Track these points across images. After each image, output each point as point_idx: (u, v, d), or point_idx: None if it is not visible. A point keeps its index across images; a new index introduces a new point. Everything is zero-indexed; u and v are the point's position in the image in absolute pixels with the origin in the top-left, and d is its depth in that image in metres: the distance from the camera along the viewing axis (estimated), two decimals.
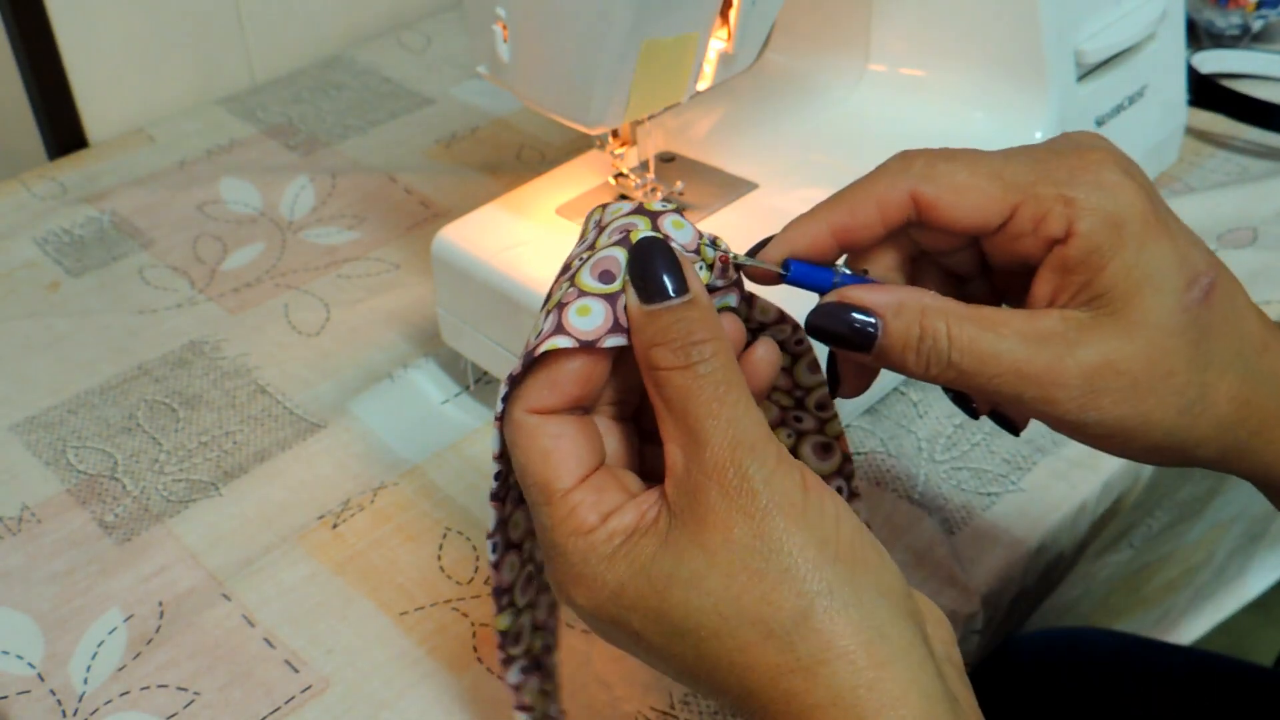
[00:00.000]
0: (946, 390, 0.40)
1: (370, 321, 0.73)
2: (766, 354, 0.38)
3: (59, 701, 0.52)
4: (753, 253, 0.39)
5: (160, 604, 0.56)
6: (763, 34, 0.58)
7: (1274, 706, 0.63)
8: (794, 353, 0.41)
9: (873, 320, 0.36)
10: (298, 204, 0.83)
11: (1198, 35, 0.94)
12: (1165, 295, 0.35)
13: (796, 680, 0.31)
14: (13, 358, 0.71)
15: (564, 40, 0.52)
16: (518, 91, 0.56)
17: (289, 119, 0.94)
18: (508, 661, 0.42)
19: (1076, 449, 0.62)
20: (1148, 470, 0.64)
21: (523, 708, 0.44)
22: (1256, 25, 0.92)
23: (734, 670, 0.32)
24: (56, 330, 0.73)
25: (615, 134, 0.62)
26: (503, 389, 0.35)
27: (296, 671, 0.53)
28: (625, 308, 0.35)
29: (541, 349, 0.34)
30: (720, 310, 0.37)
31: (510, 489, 0.38)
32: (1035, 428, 0.63)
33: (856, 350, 0.37)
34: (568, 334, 0.34)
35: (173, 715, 0.51)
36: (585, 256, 0.36)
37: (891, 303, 0.36)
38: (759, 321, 0.40)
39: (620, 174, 0.63)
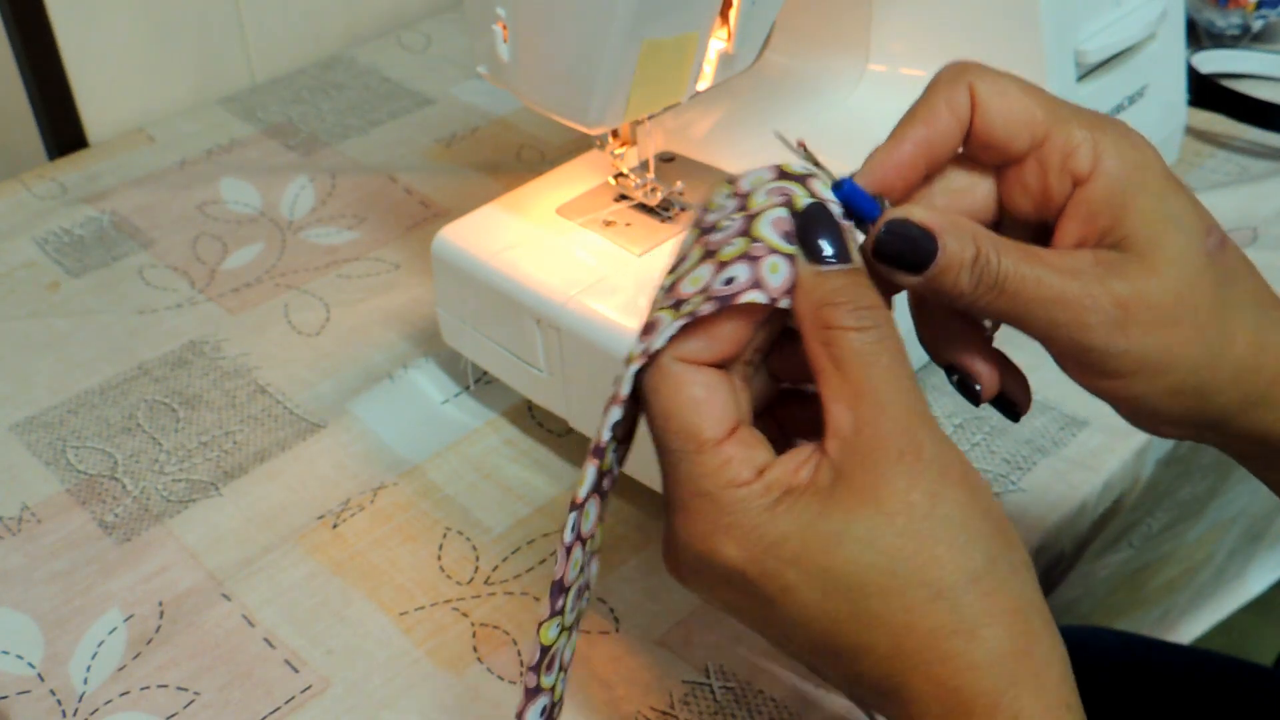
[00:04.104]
0: (949, 375, 0.41)
1: (370, 321, 0.73)
2: None
3: (59, 701, 0.52)
4: (840, 188, 0.38)
5: (160, 604, 0.56)
6: (763, 34, 0.58)
7: (1274, 706, 0.63)
8: None
9: (933, 238, 0.36)
10: (298, 204, 0.83)
11: (1198, 35, 0.94)
12: (1188, 237, 0.36)
13: (958, 642, 0.32)
14: (13, 358, 0.71)
15: (564, 40, 0.52)
16: (518, 91, 0.56)
17: (289, 119, 0.94)
18: (534, 693, 0.39)
19: (1076, 449, 0.62)
20: (1148, 470, 0.64)
21: None
22: (1256, 25, 0.92)
23: (890, 629, 0.32)
24: (56, 330, 0.73)
25: (615, 134, 0.61)
26: (656, 334, 0.35)
27: (296, 671, 0.53)
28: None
29: (743, 298, 0.34)
30: None
31: (611, 450, 0.37)
32: (1034, 428, 0.63)
33: (913, 270, 0.36)
34: (763, 289, 0.34)
35: (173, 715, 0.51)
36: (754, 212, 0.36)
37: (947, 224, 0.36)
38: None
39: (620, 174, 0.63)
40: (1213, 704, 0.64)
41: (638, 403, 0.36)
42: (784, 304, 0.35)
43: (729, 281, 0.34)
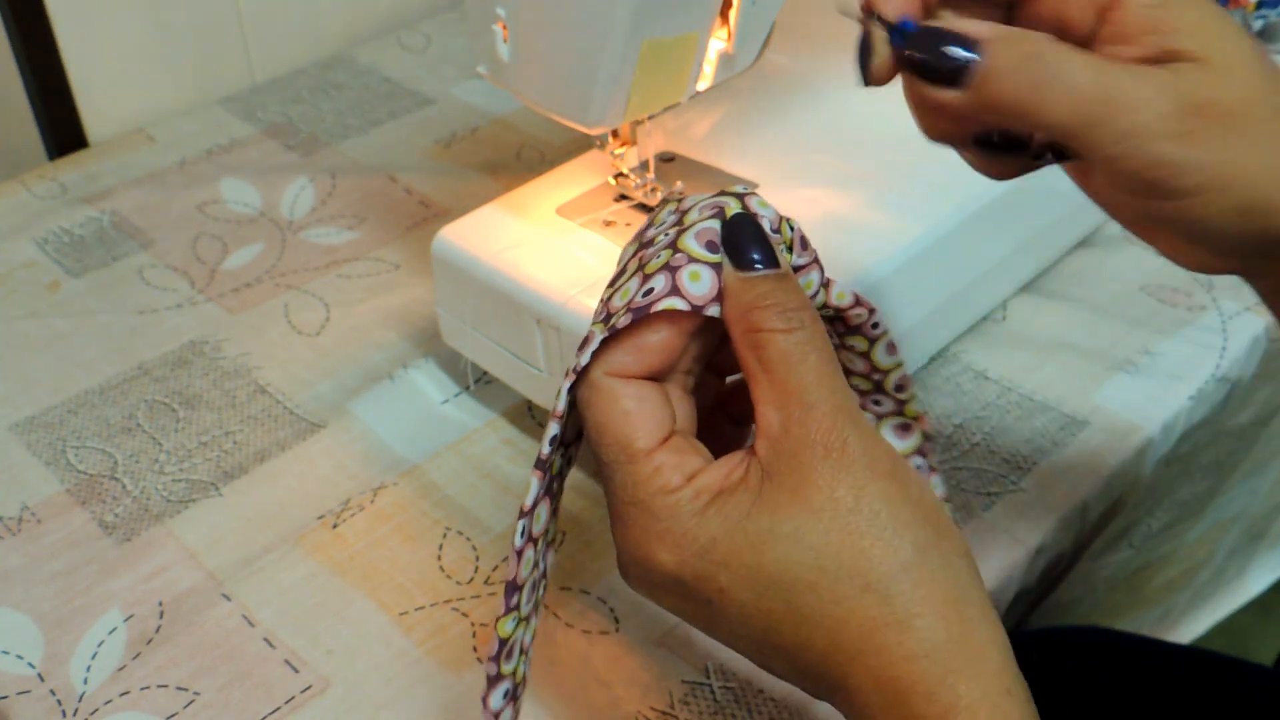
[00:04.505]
0: (979, 140, 0.39)
1: (370, 321, 0.73)
2: None
3: (59, 701, 0.52)
4: (863, 57, 0.38)
5: (160, 604, 0.56)
6: (763, 34, 0.58)
7: (1274, 706, 0.63)
8: (870, 337, 0.41)
9: (972, 53, 0.35)
10: (298, 204, 0.83)
11: None
12: (1244, 44, 0.35)
13: (891, 634, 0.32)
14: (13, 358, 0.71)
15: (564, 40, 0.52)
16: (518, 91, 0.56)
17: (289, 119, 0.94)
18: (496, 680, 0.40)
19: (1076, 449, 0.62)
20: (1148, 470, 0.64)
21: None
22: (1256, 25, 0.92)
23: (823, 624, 0.33)
24: (56, 330, 0.73)
25: (615, 134, 0.61)
26: (586, 350, 0.35)
27: (296, 671, 0.53)
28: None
29: (658, 306, 0.35)
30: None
31: (559, 457, 0.38)
32: (1034, 428, 0.63)
33: (948, 83, 0.36)
34: (682, 297, 0.35)
35: (173, 715, 0.51)
36: (685, 226, 0.36)
37: (998, 30, 0.35)
38: (835, 307, 0.39)
39: (620, 174, 0.63)
40: (1213, 704, 0.64)
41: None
42: (712, 312, 0.35)
43: (648, 293, 0.35)
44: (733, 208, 0.37)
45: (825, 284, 0.39)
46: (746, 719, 0.51)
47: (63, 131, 0.91)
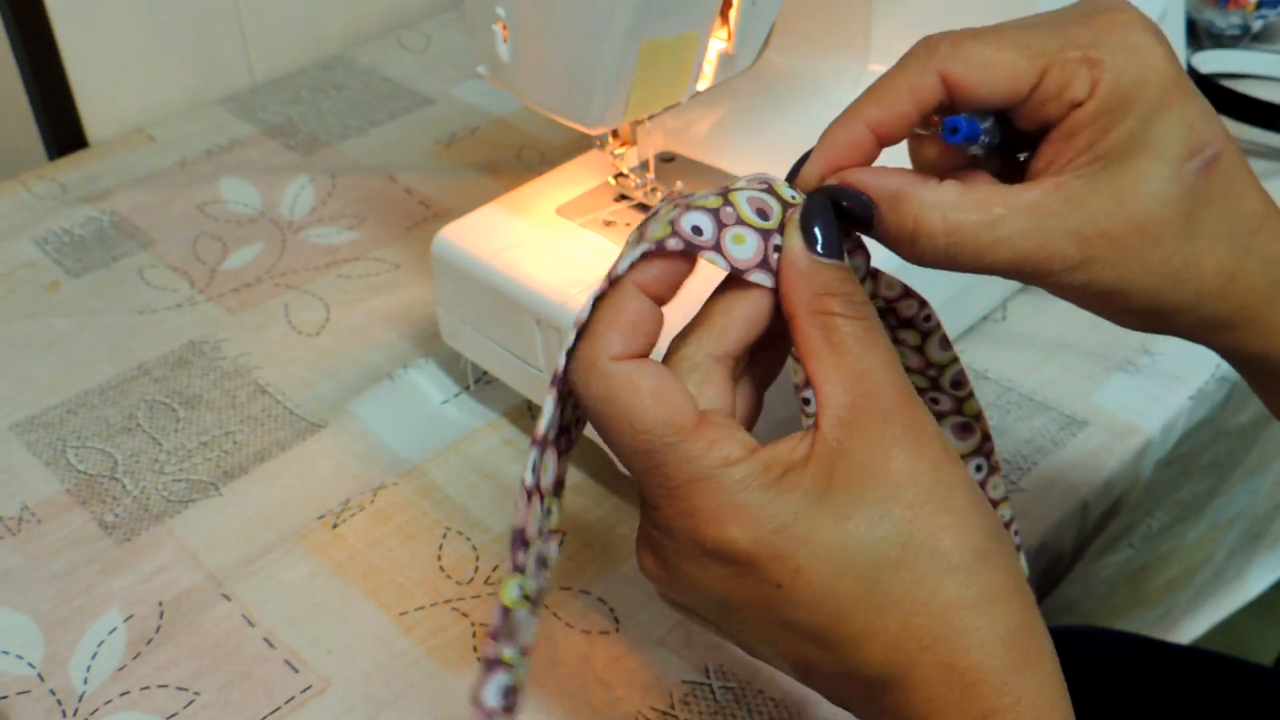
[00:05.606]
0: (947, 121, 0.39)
1: (370, 321, 0.73)
2: None
3: (59, 701, 0.52)
4: (795, 170, 0.38)
5: (160, 604, 0.56)
6: (763, 34, 0.58)
7: (1274, 706, 0.63)
8: (923, 330, 0.40)
9: (870, 206, 0.36)
10: (298, 204, 0.83)
11: (1198, 35, 0.94)
12: (1164, 164, 0.36)
13: (970, 617, 0.32)
14: (13, 358, 0.71)
15: (564, 40, 0.52)
16: (518, 91, 0.56)
17: (289, 119, 0.94)
18: (494, 666, 0.35)
19: (1076, 449, 0.62)
20: (1148, 470, 0.64)
21: None
22: (1256, 25, 0.92)
23: (902, 605, 0.32)
24: (56, 330, 0.73)
25: (615, 134, 0.61)
26: (624, 259, 0.34)
27: (296, 671, 0.53)
28: (777, 249, 0.35)
29: (704, 257, 0.34)
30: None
31: (572, 407, 0.35)
32: (1034, 428, 0.63)
33: (861, 228, 0.37)
34: (724, 256, 0.34)
35: (173, 715, 0.51)
36: (733, 189, 0.36)
37: (889, 193, 0.36)
38: (884, 298, 0.39)
39: (620, 174, 0.63)
40: (1213, 704, 0.64)
41: None
42: (755, 278, 0.34)
43: (695, 229, 0.34)
44: (783, 187, 0.36)
45: (874, 274, 0.38)
46: (746, 719, 0.51)
47: (63, 131, 0.91)
